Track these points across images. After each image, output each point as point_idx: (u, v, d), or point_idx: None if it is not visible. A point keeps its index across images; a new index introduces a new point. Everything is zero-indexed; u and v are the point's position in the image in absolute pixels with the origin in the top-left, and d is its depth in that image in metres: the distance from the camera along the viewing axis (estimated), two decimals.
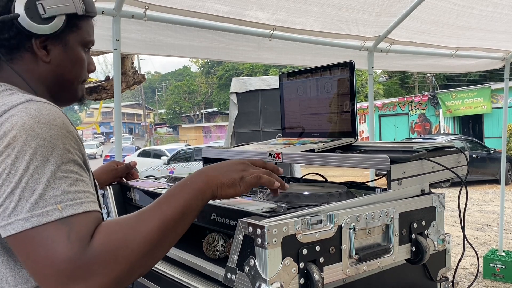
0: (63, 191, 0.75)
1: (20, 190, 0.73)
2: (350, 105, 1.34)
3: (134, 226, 0.77)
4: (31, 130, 0.76)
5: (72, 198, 0.75)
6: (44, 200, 0.73)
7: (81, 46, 0.99)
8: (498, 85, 16.20)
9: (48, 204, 0.73)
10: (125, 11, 2.49)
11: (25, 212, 0.72)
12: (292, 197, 1.07)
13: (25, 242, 0.72)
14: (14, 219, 0.72)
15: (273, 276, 0.81)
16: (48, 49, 0.94)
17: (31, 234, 0.72)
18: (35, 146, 0.75)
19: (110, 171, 1.45)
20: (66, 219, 0.73)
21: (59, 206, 0.73)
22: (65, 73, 0.98)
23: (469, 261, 5.08)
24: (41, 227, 0.72)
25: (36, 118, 0.77)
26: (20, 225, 0.72)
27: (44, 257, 0.71)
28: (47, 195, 0.73)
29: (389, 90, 27.07)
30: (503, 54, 4.24)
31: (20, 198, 0.73)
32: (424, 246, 1.07)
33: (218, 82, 37.89)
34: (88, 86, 4.68)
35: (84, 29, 0.99)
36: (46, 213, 0.72)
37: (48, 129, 0.77)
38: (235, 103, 7.02)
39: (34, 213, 0.72)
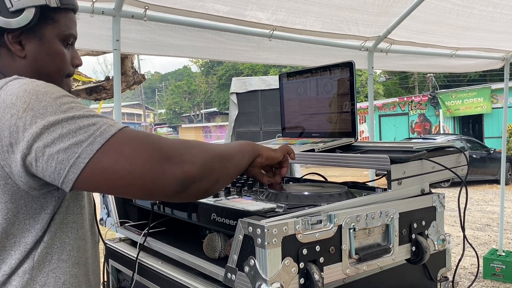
0: (102, 117, 0.78)
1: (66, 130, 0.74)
2: (350, 105, 1.34)
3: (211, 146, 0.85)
4: (36, 91, 0.77)
5: (113, 122, 0.78)
6: (95, 125, 0.75)
7: (59, 39, 0.96)
8: (498, 85, 16.20)
9: (101, 126, 0.75)
10: (125, 11, 2.49)
11: (86, 140, 0.73)
12: (292, 197, 1.07)
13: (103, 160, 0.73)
14: (80, 151, 0.73)
15: (273, 276, 0.81)
16: (23, 43, 0.92)
17: (105, 151, 0.73)
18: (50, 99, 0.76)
19: None
20: (125, 129, 0.77)
21: (110, 123, 0.76)
22: (44, 68, 0.95)
23: (469, 261, 5.07)
24: (110, 140, 0.74)
25: (33, 83, 0.79)
26: (90, 149, 0.73)
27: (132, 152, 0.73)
28: (94, 120, 0.76)
29: (389, 90, 27.07)
30: (503, 54, 4.24)
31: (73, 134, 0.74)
32: (424, 246, 1.07)
33: (218, 82, 37.89)
34: (88, 86, 4.69)
35: (61, 22, 0.96)
36: (105, 131, 0.75)
37: (50, 87, 0.80)
38: (235, 103, 7.02)
39: (94, 135, 0.74)
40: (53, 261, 0.86)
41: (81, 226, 0.93)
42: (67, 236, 0.89)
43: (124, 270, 1.33)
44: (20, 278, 0.82)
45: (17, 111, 0.75)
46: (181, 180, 0.76)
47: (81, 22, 2.60)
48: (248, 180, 1.39)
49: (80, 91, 4.68)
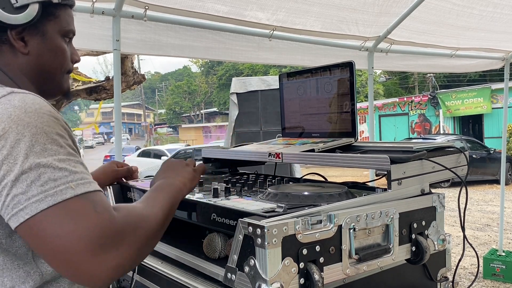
0: (70, 172, 0.74)
1: (25, 176, 0.71)
2: (350, 105, 1.34)
3: (144, 208, 0.85)
4: (19, 120, 0.74)
5: (80, 178, 0.75)
6: (55, 181, 0.72)
7: (60, 35, 0.96)
8: (498, 85, 16.19)
9: (60, 184, 0.72)
10: (125, 11, 2.49)
11: (37, 195, 0.70)
12: (292, 197, 1.07)
13: (42, 224, 0.70)
14: (26, 203, 0.70)
15: (273, 276, 0.81)
16: (26, 40, 0.91)
17: (48, 214, 0.70)
18: (29, 134, 0.73)
19: (110, 172, 1.44)
20: (83, 195, 0.73)
21: (71, 184, 0.73)
22: (47, 64, 0.95)
23: (469, 261, 5.07)
24: (59, 204, 0.70)
25: (22, 108, 0.76)
26: (34, 207, 0.70)
27: (71, 232, 0.69)
28: (56, 176, 0.72)
29: (389, 90, 27.07)
30: (503, 54, 4.24)
31: (28, 183, 0.71)
32: (424, 246, 1.07)
33: (218, 82, 37.89)
34: (88, 86, 4.69)
35: (62, 18, 0.96)
36: (60, 192, 0.71)
37: (36, 117, 0.76)
38: (235, 103, 7.01)
39: (47, 193, 0.71)
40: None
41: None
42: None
43: None
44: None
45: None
46: (112, 274, 0.72)
47: (81, 22, 2.59)
48: (248, 180, 1.39)
49: (80, 91, 4.68)
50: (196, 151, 14.60)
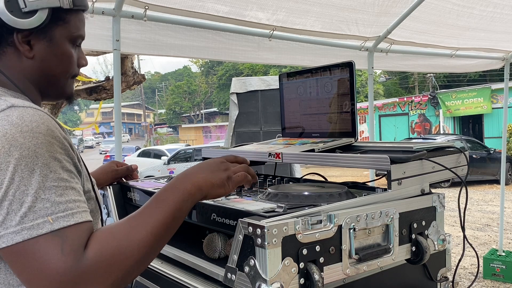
0: (53, 202, 0.73)
1: (7, 203, 0.71)
2: (350, 105, 1.34)
3: (127, 234, 0.76)
4: (13, 140, 0.73)
5: (63, 209, 0.73)
6: (34, 213, 0.71)
7: (68, 41, 0.95)
8: (498, 85, 16.20)
9: (39, 217, 0.71)
10: (125, 11, 2.49)
11: (14, 226, 0.70)
12: (292, 197, 1.07)
13: (17, 255, 0.71)
14: (4, 232, 0.71)
15: (273, 276, 0.81)
16: (32, 44, 0.90)
17: (22, 247, 0.70)
18: (19, 157, 0.72)
19: (110, 172, 1.44)
20: (58, 231, 0.71)
21: (50, 218, 0.71)
22: (51, 69, 0.93)
23: (469, 261, 5.07)
24: (32, 240, 0.70)
25: (18, 127, 0.74)
26: (10, 238, 0.70)
27: (38, 270, 0.70)
28: (36, 207, 0.71)
29: (389, 90, 27.08)
30: (503, 54, 4.24)
31: (8, 211, 0.71)
32: (424, 246, 1.07)
33: (218, 82, 37.90)
34: (88, 86, 4.69)
35: (72, 23, 0.94)
36: (36, 226, 0.70)
37: (31, 137, 0.74)
38: (235, 103, 7.01)
39: (24, 226, 0.70)
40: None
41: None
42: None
43: None
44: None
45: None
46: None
47: None
48: None
49: (80, 91, 4.68)
50: (196, 151, 14.61)
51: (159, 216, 0.80)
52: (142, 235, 0.77)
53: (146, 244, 0.77)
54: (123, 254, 0.74)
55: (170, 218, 0.81)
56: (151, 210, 0.81)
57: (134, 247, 0.75)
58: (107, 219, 1.48)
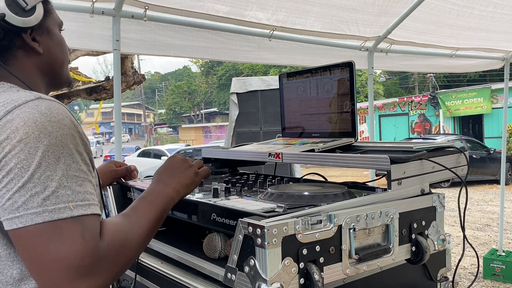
0: (74, 191, 0.76)
1: (32, 185, 0.73)
2: (350, 105, 1.34)
3: (131, 228, 0.85)
4: (43, 128, 0.76)
5: (82, 199, 0.77)
6: (57, 197, 0.74)
7: (58, 29, 1.01)
8: (498, 85, 16.19)
9: (60, 202, 0.74)
10: (125, 11, 2.49)
11: (36, 207, 0.73)
12: (292, 197, 1.07)
13: (33, 236, 0.72)
14: (24, 212, 0.73)
15: (273, 276, 0.81)
16: (38, 40, 0.94)
17: (41, 228, 0.72)
18: (48, 144, 0.76)
19: (109, 172, 1.44)
20: (78, 218, 0.75)
21: (70, 204, 0.75)
22: (57, 59, 0.99)
23: (469, 261, 5.07)
24: (53, 222, 0.73)
25: (47, 116, 0.78)
26: (30, 219, 0.72)
27: (54, 252, 0.72)
28: (59, 193, 0.74)
29: (389, 90, 27.08)
30: (503, 54, 4.24)
31: (32, 193, 0.73)
32: (424, 246, 1.07)
33: (218, 82, 37.90)
34: (88, 86, 4.69)
35: (54, 12, 1.00)
36: (58, 210, 0.74)
37: (59, 128, 0.78)
38: (235, 103, 7.01)
39: (46, 208, 0.73)
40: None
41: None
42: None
43: None
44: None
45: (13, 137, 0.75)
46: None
47: (81, 22, 2.60)
48: (248, 180, 1.39)
49: (80, 91, 4.68)
50: (196, 151, 14.60)
51: (152, 215, 0.90)
52: (141, 230, 0.86)
53: (144, 237, 0.87)
54: (129, 244, 0.82)
55: (159, 217, 0.92)
56: (144, 209, 0.90)
57: (136, 239, 0.84)
58: (105, 219, 1.48)
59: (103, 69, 41.32)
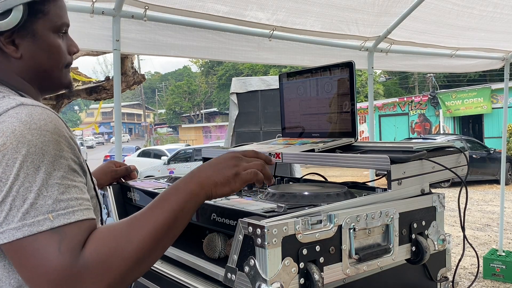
0: (55, 200, 0.73)
1: (11, 199, 0.72)
2: (350, 105, 1.34)
3: (126, 234, 0.75)
4: (21, 137, 0.74)
5: (64, 207, 0.73)
6: (36, 209, 0.72)
7: (52, 32, 0.92)
8: (498, 85, 16.20)
9: (40, 214, 0.72)
10: (125, 11, 2.49)
11: (16, 222, 0.71)
12: (292, 197, 1.07)
13: (17, 251, 0.72)
14: (6, 228, 0.71)
15: (273, 276, 0.81)
16: (17, 43, 0.88)
17: (22, 243, 0.71)
18: (25, 153, 0.73)
19: (108, 172, 1.44)
20: (57, 229, 0.72)
21: (50, 215, 0.72)
22: (42, 64, 0.92)
23: (469, 261, 5.08)
24: (32, 237, 0.71)
25: (27, 124, 0.75)
26: (12, 234, 0.71)
27: (35, 267, 0.71)
28: (38, 204, 0.72)
29: (389, 90, 27.08)
30: (503, 54, 4.24)
31: (11, 207, 0.72)
32: (424, 246, 1.07)
33: (218, 82, 37.91)
34: (88, 86, 4.69)
35: (52, 12, 0.92)
36: (37, 223, 0.71)
37: (39, 135, 0.75)
38: (235, 103, 7.02)
39: (25, 222, 0.71)
40: None
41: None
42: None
43: None
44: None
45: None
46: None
47: (81, 22, 2.60)
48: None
49: (80, 91, 4.68)
50: (196, 151, 14.61)
51: (160, 216, 0.78)
52: (142, 236, 0.75)
53: (145, 245, 0.75)
54: (121, 255, 0.73)
55: (171, 219, 0.78)
56: (152, 210, 0.79)
57: (132, 248, 0.74)
58: (107, 219, 1.48)
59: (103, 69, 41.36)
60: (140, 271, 0.77)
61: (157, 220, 0.77)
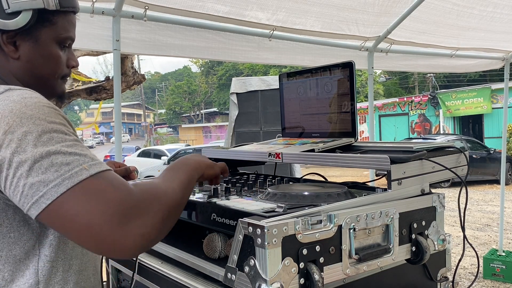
0: (80, 155, 0.76)
1: (38, 164, 0.72)
2: (350, 105, 1.34)
3: (161, 182, 0.85)
4: (21, 113, 0.75)
5: (91, 159, 0.76)
6: (67, 165, 0.73)
7: (55, 42, 0.95)
8: (498, 85, 16.20)
9: (74, 167, 0.73)
10: (125, 11, 2.49)
11: (54, 180, 0.72)
12: (292, 197, 1.07)
13: (65, 206, 0.71)
14: (45, 190, 0.71)
15: (273, 276, 0.81)
16: (17, 45, 0.91)
17: (69, 196, 0.71)
18: (32, 125, 0.75)
19: None
20: (97, 175, 0.74)
21: (84, 166, 0.74)
22: (38, 70, 0.94)
23: (469, 261, 5.07)
24: (77, 186, 0.72)
25: (22, 102, 0.77)
26: (54, 191, 0.71)
27: (94, 208, 0.71)
28: (68, 160, 0.74)
29: (389, 90, 27.08)
30: (503, 54, 4.24)
31: (43, 170, 0.72)
32: (424, 246, 1.07)
33: (218, 82, 37.91)
34: (88, 86, 4.69)
35: (59, 24, 0.94)
36: (76, 174, 0.73)
37: (37, 109, 0.77)
38: (235, 103, 7.01)
39: (64, 177, 0.72)
40: (58, 273, 0.86)
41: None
42: (68, 246, 0.88)
43: (124, 270, 1.33)
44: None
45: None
46: (139, 243, 0.74)
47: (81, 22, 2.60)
48: (248, 180, 1.39)
49: (80, 91, 4.68)
50: (196, 151, 14.61)
51: (181, 176, 0.90)
52: (173, 185, 0.85)
53: (176, 192, 0.85)
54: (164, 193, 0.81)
55: (186, 182, 0.90)
56: (173, 173, 0.91)
57: (170, 190, 0.83)
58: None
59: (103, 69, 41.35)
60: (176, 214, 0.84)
61: (179, 179, 0.90)
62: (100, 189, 0.73)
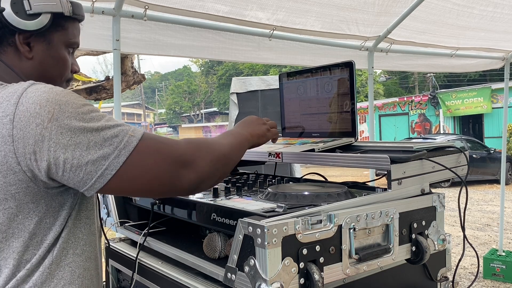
0: (120, 125, 0.84)
1: (93, 142, 0.80)
2: (350, 105, 1.34)
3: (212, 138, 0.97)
4: (57, 100, 0.81)
5: (128, 126, 0.85)
6: (117, 136, 0.82)
7: (65, 46, 1.01)
8: (498, 85, 16.19)
9: (124, 137, 0.82)
10: (125, 11, 2.49)
11: (112, 152, 0.81)
12: (292, 197, 1.07)
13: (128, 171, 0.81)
14: (107, 163, 0.80)
15: (273, 276, 0.81)
16: (32, 45, 0.95)
17: (129, 163, 0.81)
18: (72, 109, 0.81)
19: None
20: (143, 137, 0.84)
21: (130, 133, 0.84)
22: (48, 71, 0.99)
23: (469, 261, 5.07)
24: (133, 153, 0.82)
25: (52, 93, 0.82)
26: (116, 162, 0.80)
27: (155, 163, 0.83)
28: (115, 132, 0.82)
29: (389, 90, 27.08)
30: (503, 54, 4.24)
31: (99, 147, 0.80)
32: (424, 246, 1.07)
33: (218, 82, 37.88)
34: (88, 86, 4.69)
35: (69, 30, 1.01)
36: (127, 143, 0.82)
37: (68, 95, 0.83)
38: (235, 103, 7.01)
39: (119, 148, 0.81)
40: (68, 255, 0.90)
41: (93, 221, 0.97)
42: (81, 231, 0.93)
43: (124, 270, 1.33)
44: (40, 274, 0.86)
45: (42, 121, 0.79)
46: (194, 182, 0.87)
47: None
48: (248, 180, 1.39)
49: (80, 91, 4.68)
50: None
51: (232, 140, 1.01)
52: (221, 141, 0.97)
53: (224, 145, 0.96)
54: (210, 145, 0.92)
55: (237, 145, 1.01)
56: (226, 135, 1.03)
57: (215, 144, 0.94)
58: (107, 219, 1.48)
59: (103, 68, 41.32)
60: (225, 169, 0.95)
61: (230, 140, 1.00)
62: (153, 147, 0.84)
